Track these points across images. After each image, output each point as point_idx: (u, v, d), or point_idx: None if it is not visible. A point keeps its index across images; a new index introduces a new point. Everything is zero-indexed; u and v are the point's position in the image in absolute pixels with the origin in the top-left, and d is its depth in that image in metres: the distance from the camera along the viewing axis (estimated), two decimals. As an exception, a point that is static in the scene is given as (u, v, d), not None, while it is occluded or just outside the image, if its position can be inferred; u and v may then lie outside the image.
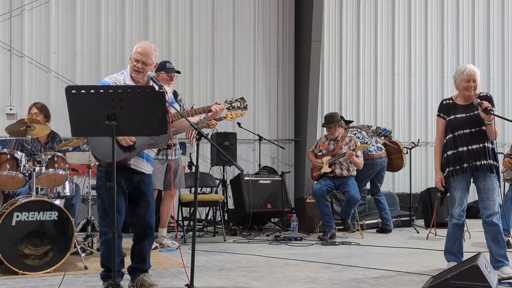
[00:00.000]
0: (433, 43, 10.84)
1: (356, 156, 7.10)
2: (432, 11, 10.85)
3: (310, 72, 9.28)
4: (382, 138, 8.47)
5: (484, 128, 4.73)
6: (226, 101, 4.44)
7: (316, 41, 9.31)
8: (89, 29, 8.28)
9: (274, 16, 9.59)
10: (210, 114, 4.15)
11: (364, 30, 10.26)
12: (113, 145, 3.49)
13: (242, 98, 4.48)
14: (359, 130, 8.21)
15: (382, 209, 8.01)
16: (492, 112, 4.58)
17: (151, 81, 4.09)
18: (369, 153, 7.86)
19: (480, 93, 4.85)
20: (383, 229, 7.98)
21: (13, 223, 4.68)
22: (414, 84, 10.66)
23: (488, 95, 4.84)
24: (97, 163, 4.05)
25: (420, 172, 10.44)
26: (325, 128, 7.55)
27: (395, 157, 8.33)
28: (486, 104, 4.60)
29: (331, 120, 7.36)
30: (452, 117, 4.85)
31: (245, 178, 7.98)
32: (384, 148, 8.15)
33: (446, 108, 4.93)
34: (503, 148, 10.51)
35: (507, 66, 11.47)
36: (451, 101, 4.94)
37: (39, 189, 5.16)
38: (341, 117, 7.83)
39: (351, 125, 8.67)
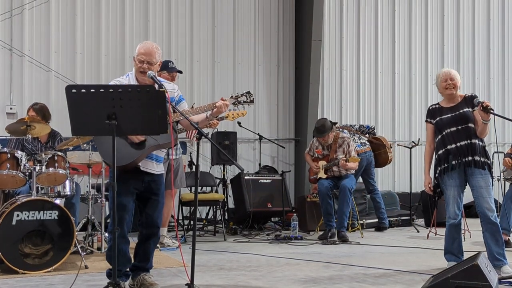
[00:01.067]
0: (434, 43, 10.84)
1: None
2: (432, 10, 10.84)
3: (310, 72, 9.28)
4: (367, 135, 8.55)
5: (470, 125, 4.81)
6: (231, 96, 4.41)
7: (317, 41, 9.31)
8: (89, 28, 8.28)
9: (274, 15, 9.59)
10: (215, 110, 4.13)
11: (365, 30, 10.26)
12: (113, 143, 3.49)
13: (248, 92, 4.46)
14: (341, 130, 8.25)
15: (377, 208, 8.09)
16: (492, 111, 4.59)
17: (152, 81, 4.09)
18: None
19: (465, 94, 4.94)
20: (379, 227, 8.05)
21: (14, 222, 4.68)
22: (414, 83, 10.66)
23: (473, 95, 4.91)
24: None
25: (421, 171, 10.25)
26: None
27: (380, 152, 8.39)
28: (486, 102, 4.62)
29: (324, 130, 7.24)
30: (438, 118, 4.96)
31: (246, 177, 7.98)
32: (368, 144, 8.30)
33: (432, 112, 5.05)
34: (503, 148, 10.51)
35: (508, 65, 11.47)
36: (437, 106, 5.06)
37: (39, 188, 5.17)
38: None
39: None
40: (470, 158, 4.78)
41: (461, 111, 4.84)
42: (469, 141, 4.80)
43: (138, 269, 4.20)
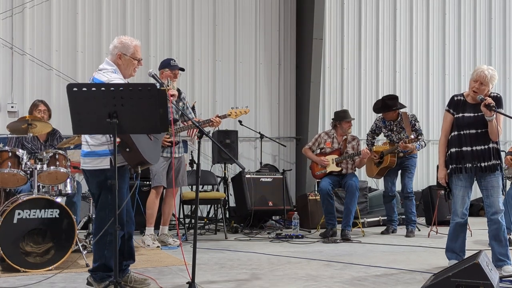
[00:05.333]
0: (435, 41, 10.84)
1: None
2: (433, 9, 10.84)
3: (311, 70, 9.29)
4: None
5: None
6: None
7: (318, 39, 9.31)
8: (91, 26, 8.28)
9: (275, 14, 9.59)
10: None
11: (366, 28, 10.25)
12: (115, 142, 3.49)
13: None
14: (413, 118, 7.48)
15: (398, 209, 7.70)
16: (494, 108, 4.56)
17: (152, 79, 4.10)
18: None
19: (491, 93, 4.78)
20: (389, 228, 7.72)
21: (15, 221, 4.69)
22: (415, 82, 10.66)
23: (498, 96, 4.78)
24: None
25: (421, 170, 10.43)
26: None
27: None
28: (489, 100, 4.58)
29: (346, 115, 7.30)
30: (460, 115, 4.82)
31: (247, 176, 7.98)
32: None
33: (456, 104, 4.87)
34: (504, 146, 10.50)
35: (509, 64, 11.48)
36: (462, 98, 4.88)
37: (40, 187, 5.18)
38: (396, 97, 7.52)
39: (409, 112, 7.76)
40: (484, 163, 4.72)
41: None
42: (485, 146, 4.73)
43: (126, 267, 4.19)
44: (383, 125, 7.55)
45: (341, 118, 7.29)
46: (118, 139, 3.73)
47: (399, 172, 7.59)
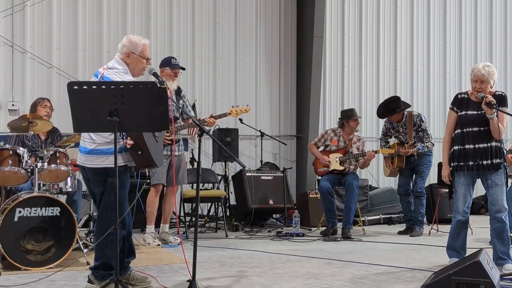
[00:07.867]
0: (436, 40, 10.81)
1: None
2: (434, 7, 10.82)
3: (312, 68, 9.27)
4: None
5: None
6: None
7: (318, 37, 9.30)
8: (91, 25, 8.27)
9: (276, 11, 9.58)
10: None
11: (367, 26, 10.23)
12: (115, 140, 3.49)
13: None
14: (418, 116, 7.37)
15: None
16: (494, 106, 4.56)
17: (153, 77, 4.10)
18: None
19: (496, 91, 4.79)
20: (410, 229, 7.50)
21: (16, 219, 4.69)
22: (416, 80, 10.64)
23: (503, 94, 4.78)
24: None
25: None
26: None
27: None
28: (490, 98, 4.58)
29: (353, 113, 7.28)
30: (463, 113, 4.82)
31: (247, 174, 7.98)
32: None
33: (460, 102, 4.89)
34: (505, 144, 10.48)
35: (510, 61, 11.45)
36: (465, 96, 4.90)
37: (41, 185, 5.18)
38: (398, 98, 7.40)
39: (415, 112, 7.62)
40: (487, 161, 4.72)
41: None
42: (488, 144, 4.72)
43: (128, 264, 4.19)
44: (391, 127, 7.49)
45: (349, 116, 7.28)
46: (131, 142, 3.75)
47: (414, 169, 7.49)
